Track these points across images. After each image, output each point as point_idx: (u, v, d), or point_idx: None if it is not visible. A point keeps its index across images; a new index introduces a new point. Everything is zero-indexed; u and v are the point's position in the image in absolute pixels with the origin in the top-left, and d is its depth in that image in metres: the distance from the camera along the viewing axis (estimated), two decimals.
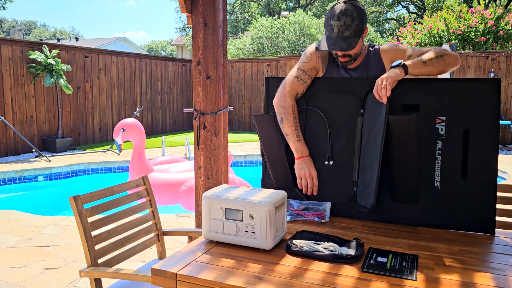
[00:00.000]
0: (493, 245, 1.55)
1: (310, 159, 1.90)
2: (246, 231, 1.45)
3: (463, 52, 9.89)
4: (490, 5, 18.51)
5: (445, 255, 1.43)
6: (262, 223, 1.43)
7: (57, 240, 3.72)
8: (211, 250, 1.46)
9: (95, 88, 9.66)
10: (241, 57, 17.79)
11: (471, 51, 10.02)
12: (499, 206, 1.91)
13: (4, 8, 20.97)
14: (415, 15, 24.99)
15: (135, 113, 9.17)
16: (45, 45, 8.32)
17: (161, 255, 2.24)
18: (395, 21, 28.76)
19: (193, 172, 4.24)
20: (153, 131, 11.44)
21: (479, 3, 13.68)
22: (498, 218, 2.62)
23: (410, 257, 1.39)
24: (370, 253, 1.43)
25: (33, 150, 8.17)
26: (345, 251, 1.40)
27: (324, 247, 1.42)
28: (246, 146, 9.14)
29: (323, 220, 1.79)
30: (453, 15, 12.23)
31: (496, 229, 1.71)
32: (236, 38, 22.77)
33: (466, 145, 1.69)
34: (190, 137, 10.39)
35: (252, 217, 1.44)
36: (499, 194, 1.92)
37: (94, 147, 9.08)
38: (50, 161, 7.25)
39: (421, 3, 24.51)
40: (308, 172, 1.86)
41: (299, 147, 1.89)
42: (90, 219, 1.84)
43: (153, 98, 11.36)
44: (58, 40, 39.45)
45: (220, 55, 2.64)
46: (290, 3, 30.02)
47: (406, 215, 1.76)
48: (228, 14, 17.88)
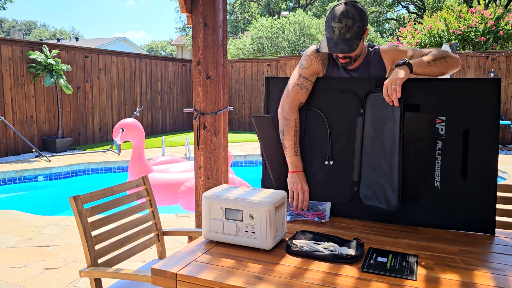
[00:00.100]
0: (493, 245, 1.55)
1: (303, 174, 1.92)
2: (246, 231, 1.45)
3: (463, 52, 9.89)
4: (490, 5, 18.51)
5: (445, 255, 1.43)
6: (262, 223, 1.43)
7: (57, 240, 3.72)
8: (211, 250, 1.46)
9: (95, 88, 9.66)
10: (241, 57, 17.79)
11: (471, 51, 10.02)
12: (499, 206, 1.90)
13: (4, 8, 20.97)
14: (415, 15, 24.99)
15: (135, 113, 9.17)
16: (45, 45, 8.32)
17: (161, 255, 2.24)
18: (395, 21, 28.77)
19: (193, 172, 4.25)
20: (153, 131, 11.44)
21: (479, 3, 13.67)
22: (498, 218, 2.61)
23: (410, 257, 1.39)
24: (370, 253, 1.43)
25: (33, 150, 8.17)
26: (345, 251, 1.40)
27: (324, 247, 1.42)
28: (246, 146, 9.14)
29: (323, 220, 1.79)
30: (453, 15, 12.23)
31: (496, 229, 1.70)
32: (236, 38, 22.77)
33: (466, 145, 1.69)
34: (190, 137, 10.39)
35: (252, 217, 1.44)
36: (499, 194, 1.92)
37: (94, 147, 9.08)
38: (50, 161, 7.25)
39: (421, 3, 24.51)
40: (300, 186, 1.87)
41: (294, 161, 1.91)
42: (90, 219, 1.84)
43: (153, 98, 11.36)
44: (58, 40, 39.45)
45: (220, 55, 2.64)
46: (290, 3, 30.02)
47: (406, 215, 1.76)
48: (228, 14, 17.87)
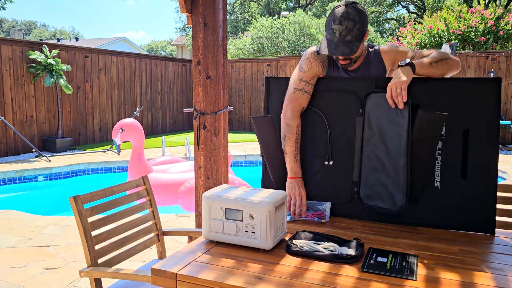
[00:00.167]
0: (493, 245, 1.55)
1: (302, 180, 1.92)
2: (246, 231, 1.45)
3: (463, 52, 9.89)
4: (490, 5, 18.51)
5: (445, 255, 1.43)
6: (262, 223, 1.43)
7: (57, 240, 3.72)
8: (211, 250, 1.46)
9: (95, 88, 9.66)
10: (241, 57, 17.79)
11: (471, 51, 10.02)
12: (499, 206, 1.90)
13: (4, 8, 20.97)
14: (415, 15, 24.99)
15: (135, 113, 9.17)
16: (45, 45, 8.32)
17: (161, 255, 2.24)
18: (395, 21, 28.77)
19: (193, 172, 4.25)
20: (153, 131, 11.44)
21: (479, 3, 13.68)
22: (498, 218, 2.61)
23: (410, 257, 1.39)
24: (370, 253, 1.43)
25: (33, 150, 8.16)
26: (345, 251, 1.40)
27: (324, 247, 1.42)
28: (246, 146, 9.14)
29: (323, 220, 1.79)
30: (453, 15, 12.23)
31: (496, 229, 1.71)
32: (236, 38, 22.77)
33: (466, 145, 1.69)
34: (190, 137, 10.39)
35: (252, 217, 1.44)
36: (499, 194, 1.92)
37: (94, 147, 9.08)
38: (50, 161, 7.25)
39: (421, 3, 24.51)
40: (298, 192, 1.88)
41: (294, 167, 1.91)
42: (90, 219, 1.84)
43: (153, 98, 11.36)
44: (58, 40, 39.44)
45: (220, 55, 2.64)
46: (290, 3, 30.02)
47: (406, 215, 1.76)
48: (228, 14, 17.88)
